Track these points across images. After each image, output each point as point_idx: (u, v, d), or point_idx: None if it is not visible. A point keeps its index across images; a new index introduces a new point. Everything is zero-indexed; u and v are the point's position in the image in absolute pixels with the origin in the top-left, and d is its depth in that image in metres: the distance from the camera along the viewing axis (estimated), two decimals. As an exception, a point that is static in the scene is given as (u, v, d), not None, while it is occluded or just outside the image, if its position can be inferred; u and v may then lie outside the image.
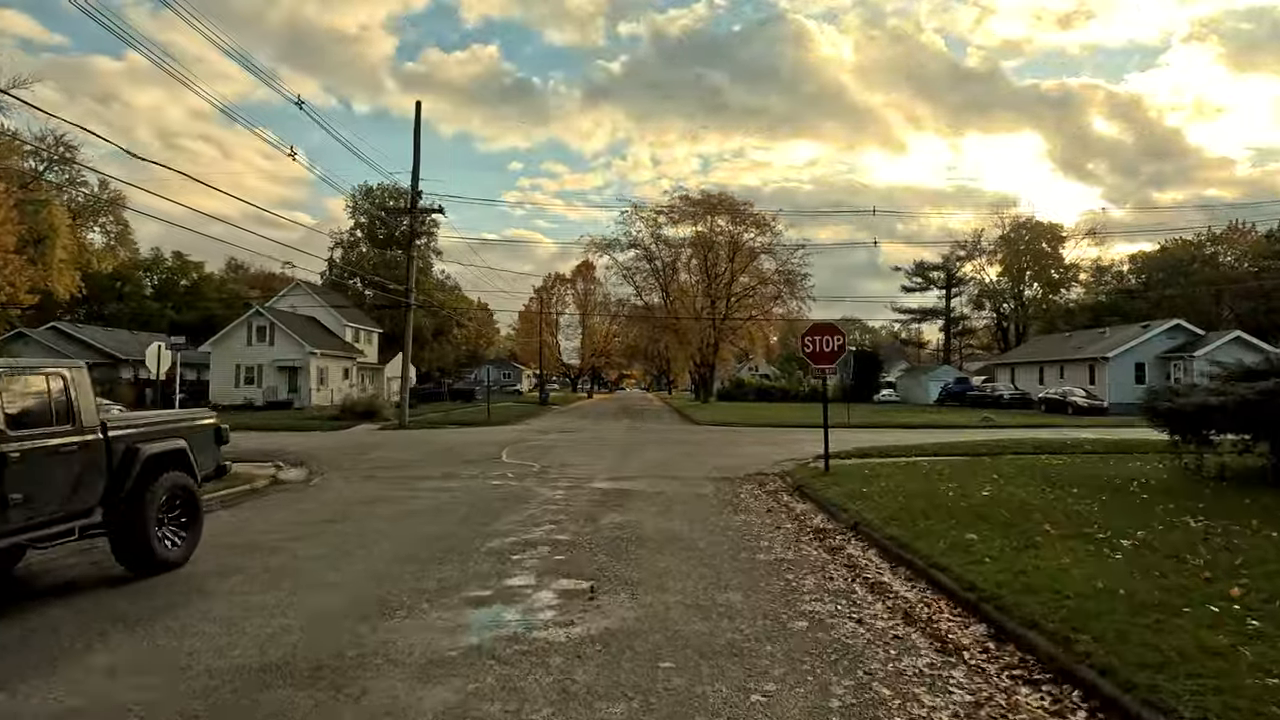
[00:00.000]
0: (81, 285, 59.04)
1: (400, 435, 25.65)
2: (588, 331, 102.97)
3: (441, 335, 70.33)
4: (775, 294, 55.00)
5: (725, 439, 22.02)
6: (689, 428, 29.77)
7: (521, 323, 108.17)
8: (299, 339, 42.52)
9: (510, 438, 22.37)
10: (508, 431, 26.51)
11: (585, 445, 19.35)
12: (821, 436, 13.99)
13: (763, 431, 26.05)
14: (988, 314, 78.17)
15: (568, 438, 22.33)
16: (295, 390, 42.56)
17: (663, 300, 55.83)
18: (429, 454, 17.50)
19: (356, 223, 67.97)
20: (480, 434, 25.34)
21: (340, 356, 47.08)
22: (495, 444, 20.08)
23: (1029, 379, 49.39)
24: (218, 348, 42.99)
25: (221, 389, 42.71)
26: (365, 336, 54.44)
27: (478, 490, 11.98)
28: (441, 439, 22.99)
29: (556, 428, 28.81)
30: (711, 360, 55.59)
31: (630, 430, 25.89)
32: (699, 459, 16.32)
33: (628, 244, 53.99)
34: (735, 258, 54.02)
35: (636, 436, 23.02)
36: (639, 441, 20.49)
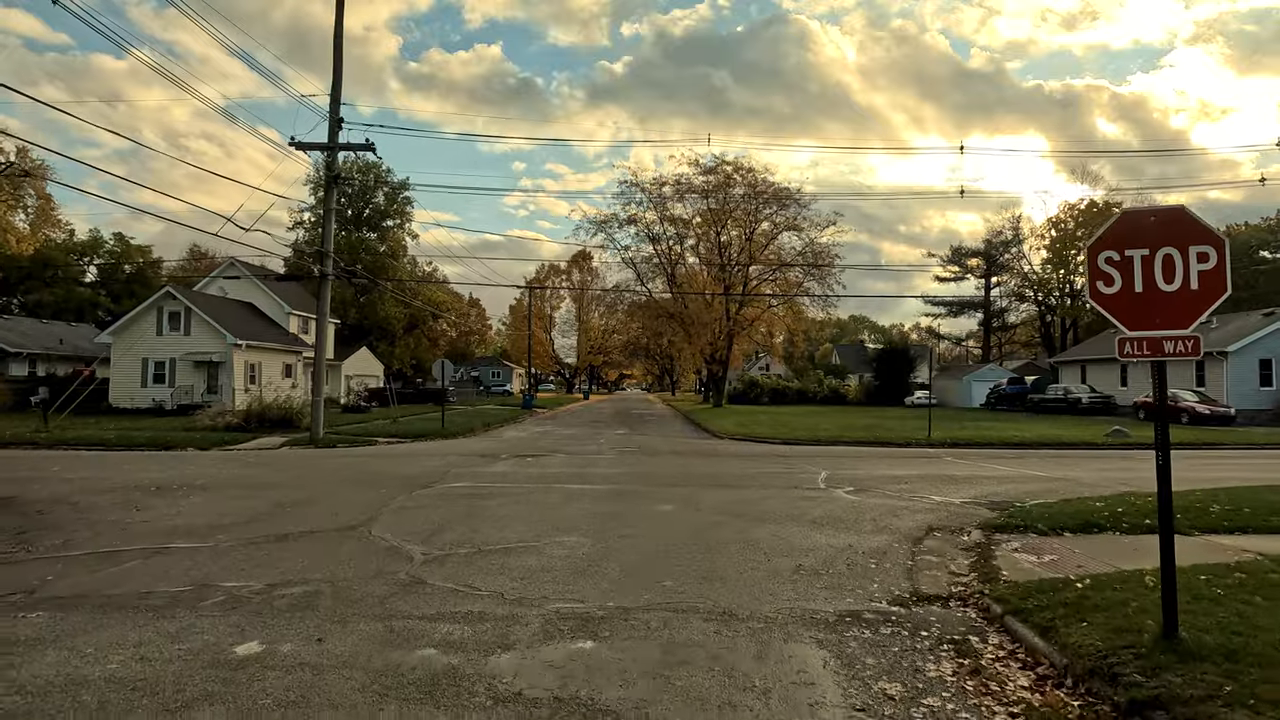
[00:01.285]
0: (-6, 267, 51.25)
1: (290, 457, 17.50)
2: (584, 327, 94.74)
3: (416, 329, 62.12)
4: (799, 280, 46.81)
5: (773, 470, 13.87)
6: (707, 445, 21.64)
7: (512, 318, 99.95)
8: (220, 327, 34.41)
9: (437, 468, 14.20)
10: (450, 453, 18.38)
11: (545, 491, 11.16)
12: (914, 459, 6.99)
13: (817, 454, 17.88)
14: (1028, 307, 70.04)
15: (527, 469, 14.12)
16: (215, 390, 34.44)
17: (668, 287, 47.66)
18: (242, 513, 9.34)
19: (318, 199, 59.84)
20: (407, 457, 17.22)
21: (280, 350, 38.97)
22: (399, 481, 11.95)
23: (1106, 378, 41.20)
24: (120, 338, 34.87)
25: (125, 388, 34.63)
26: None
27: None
28: (335, 465, 14.81)
29: (523, 446, 20.73)
30: (725, 357, 47.43)
31: (625, 455, 17.50)
32: (762, 538, 8.16)
33: (626, 219, 45.83)
34: (753, 236, 45.85)
35: (635, 465, 14.81)
36: (636, 483, 12.10)
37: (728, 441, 22.77)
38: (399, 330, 59.28)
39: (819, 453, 17.91)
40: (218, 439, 21.56)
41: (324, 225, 21.96)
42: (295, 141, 21.95)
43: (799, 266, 46.22)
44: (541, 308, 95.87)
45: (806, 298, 47.47)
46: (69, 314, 56.94)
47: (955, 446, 19.96)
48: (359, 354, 51.11)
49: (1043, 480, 12.51)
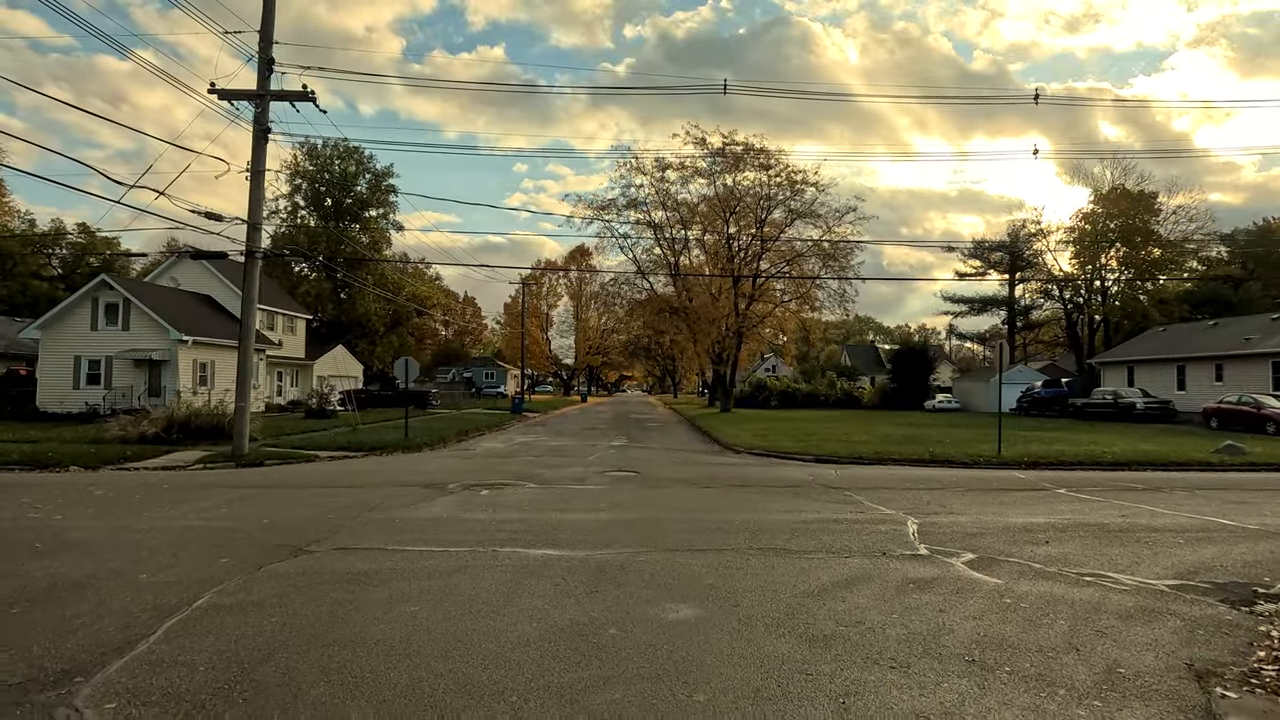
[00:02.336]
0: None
1: (182, 483, 13.32)
2: (582, 326, 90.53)
3: (400, 327, 57.94)
4: (815, 273, 42.64)
5: (833, 516, 9.60)
6: (725, 464, 17.49)
7: (507, 316, 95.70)
8: (163, 321, 30.26)
9: (347, 509, 10.00)
10: (390, 479, 14.22)
11: (482, 569, 6.52)
12: (1011, 492, 6.29)
13: (874, 483, 13.68)
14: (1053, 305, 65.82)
15: (475, 512, 9.69)
16: (158, 393, 30.27)
17: (671, 280, 43.49)
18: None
19: (296, 187, 55.83)
20: (326, 488, 13.05)
21: (237, 347, 34.74)
22: (273, 536, 7.81)
23: (1159, 381, 37.01)
24: (49, 333, 30.71)
25: (55, 390, 30.49)
26: (286, 324, 42.14)
27: None
28: (219, 501, 10.59)
29: (490, 467, 16.62)
30: (733, 357, 43.25)
31: (619, 484, 12.63)
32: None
33: (626, 204, 41.61)
34: (765, 224, 41.67)
35: (631, 507, 10.41)
36: (633, 546, 7.58)
37: (748, 458, 18.59)
38: (380, 328, 55.14)
39: (875, 479, 13.72)
40: (118, 454, 17.45)
41: (251, 191, 17.79)
42: (216, 89, 17.81)
43: (814, 258, 42.05)
44: (538, 306, 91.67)
45: (821, 293, 43.28)
46: (25, 309, 52.81)
47: (1039, 467, 15.77)
48: (334, 353, 46.96)
49: (1250, 536, 8.35)
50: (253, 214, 17.76)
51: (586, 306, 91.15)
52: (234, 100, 18.05)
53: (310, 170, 56.08)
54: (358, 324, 53.40)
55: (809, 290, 42.76)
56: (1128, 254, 56.20)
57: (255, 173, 17.81)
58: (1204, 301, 57.39)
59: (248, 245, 17.79)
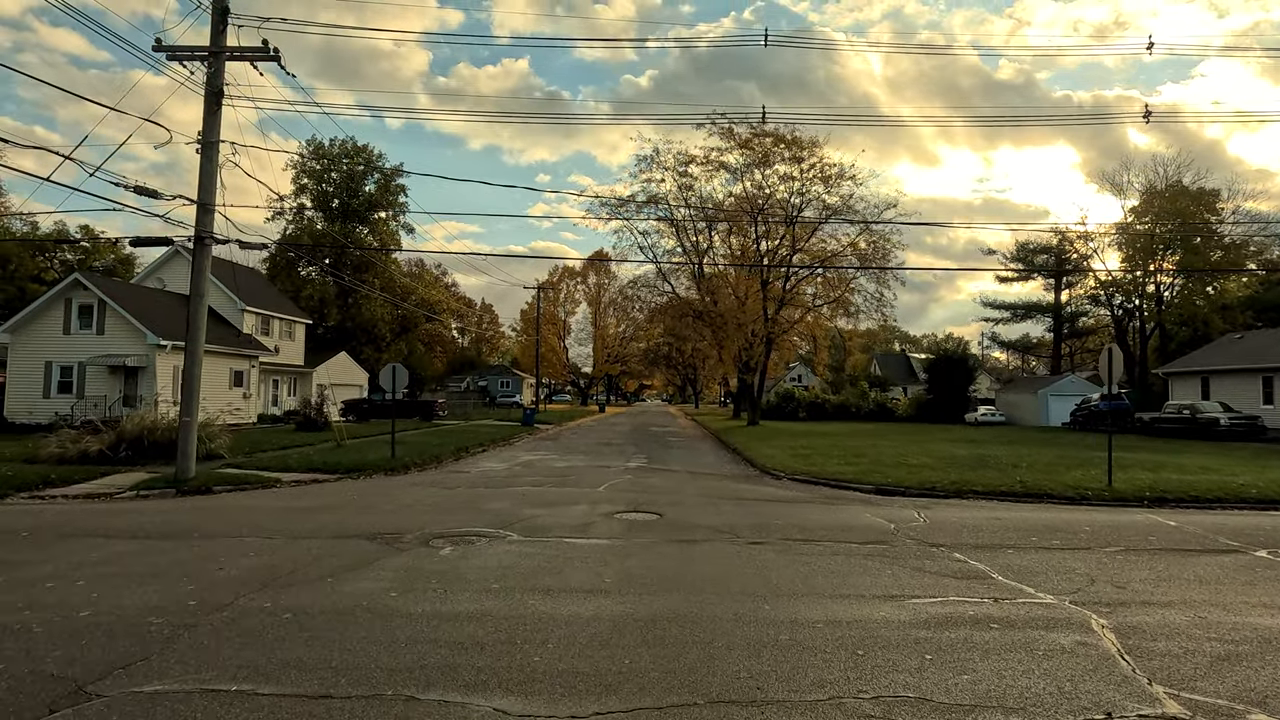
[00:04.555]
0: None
1: (79, 520, 10.37)
2: (600, 333, 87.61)
3: (409, 333, 55.27)
4: (851, 274, 39.30)
5: (965, 607, 6.44)
6: (768, 498, 14.27)
7: (523, 323, 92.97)
8: (140, 324, 27.68)
9: (247, 573, 6.97)
10: (352, 508, 11.21)
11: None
12: (1192, 555, 6.28)
13: (978, 533, 10.39)
14: (1098, 311, 61.76)
15: (423, 590, 6.69)
16: (133, 402, 27.64)
17: (694, 283, 40.35)
18: None
19: (301, 187, 53.53)
20: (250, 538, 10.01)
21: (225, 353, 32.20)
22: (68, 656, 4.82)
23: (1240, 393, 33.14)
24: (19, 336, 28.26)
25: (23, 399, 28.01)
26: (284, 329, 39.57)
27: None
28: (85, 562, 7.61)
29: (472, 504, 13.56)
30: (762, 365, 39.95)
31: (635, 531, 9.55)
32: None
33: (645, 200, 38.54)
34: (797, 222, 38.42)
35: (650, 577, 7.16)
36: (652, 672, 4.42)
37: (793, 488, 15.34)
38: (388, 334, 52.50)
39: (975, 525, 10.43)
40: (41, 476, 14.60)
41: (201, 165, 14.94)
42: (162, 46, 15.04)
43: (850, 258, 38.70)
44: (555, 313, 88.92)
45: (857, 297, 39.88)
46: (23, 314, 50.85)
47: (1171, 505, 12.38)
48: (337, 359, 44.32)
49: None
50: (203, 192, 14.91)
51: (605, 313, 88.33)
52: (185, 60, 15.27)
53: (316, 169, 53.82)
54: (363, 330, 50.82)
55: (843, 295, 39.39)
56: (1185, 256, 52.16)
57: (207, 144, 14.97)
58: (1269, 307, 53.14)
59: (196, 229, 14.94)
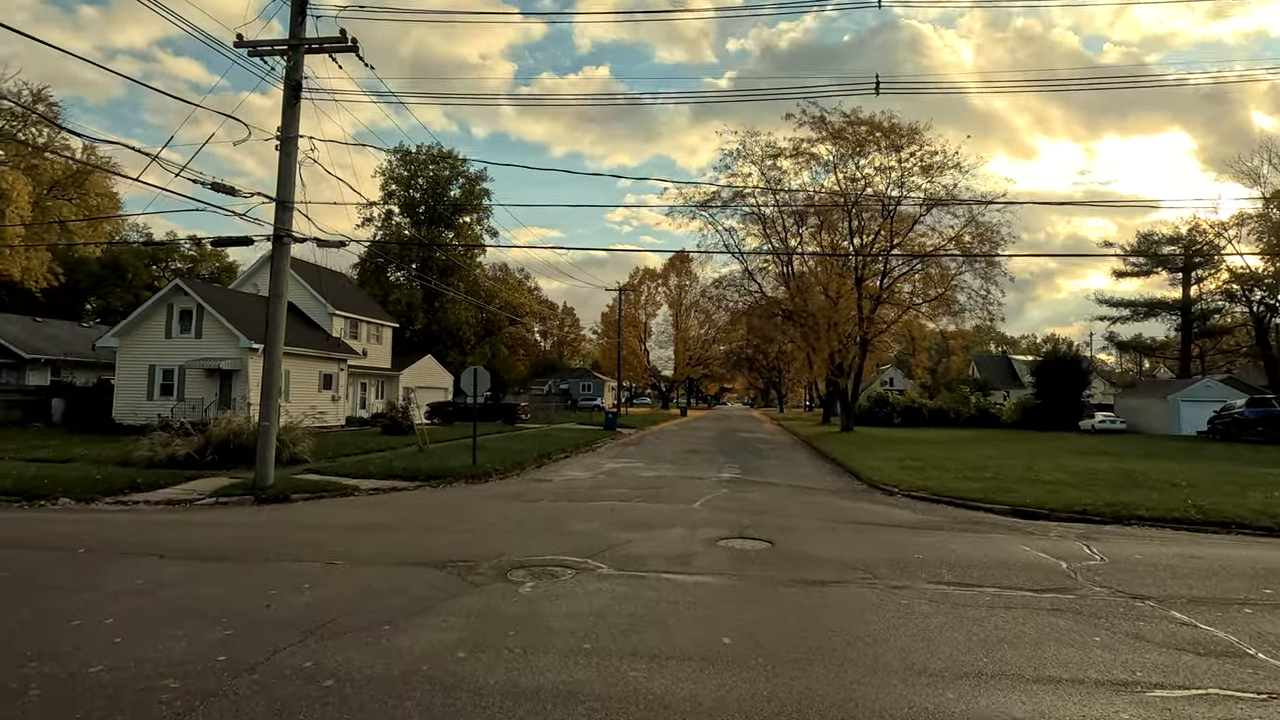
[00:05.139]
0: (59, 271, 48.29)
1: (151, 531, 9.82)
2: (681, 335, 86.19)
3: (492, 336, 55.47)
4: (954, 270, 36.53)
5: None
6: (885, 519, 12.55)
7: (604, 326, 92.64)
8: (234, 328, 28.21)
9: (294, 615, 5.98)
10: (424, 526, 10.25)
11: None
12: None
13: (1184, 583, 8.40)
14: (1234, 308, 55.81)
15: (482, 650, 5.56)
16: (229, 404, 28.18)
17: (781, 282, 38.45)
18: None
19: (389, 194, 54.59)
20: (311, 562, 9.10)
21: (315, 356, 32.62)
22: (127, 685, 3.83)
23: None
24: (125, 341, 29.32)
25: (130, 401, 29.03)
26: (371, 333, 40.08)
27: None
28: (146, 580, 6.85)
29: (558, 515, 12.41)
30: (857, 368, 37.65)
31: (746, 567, 7.92)
32: None
33: (731, 197, 36.94)
34: (894, 216, 36.00)
35: (783, 657, 5.36)
36: None
37: (916, 508, 13.53)
38: (472, 337, 52.79)
39: (1170, 566, 8.44)
40: (128, 481, 14.45)
41: (281, 162, 14.49)
42: (244, 42, 14.69)
43: (954, 253, 35.93)
44: (636, 315, 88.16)
45: (961, 295, 37.00)
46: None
47: None
48: (423, 363, 44.69)
49: None
50: (281, 190, 14.45)
51: (686, 315, 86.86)
52: (265, 56, 14.87)
53: (404, 175, 54.77)
54: (448, 333, 51.25)
55: (946, 292, 36.62)
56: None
57: (286, 140, 14.50)
58: None
59: (275, 227, 14.48)
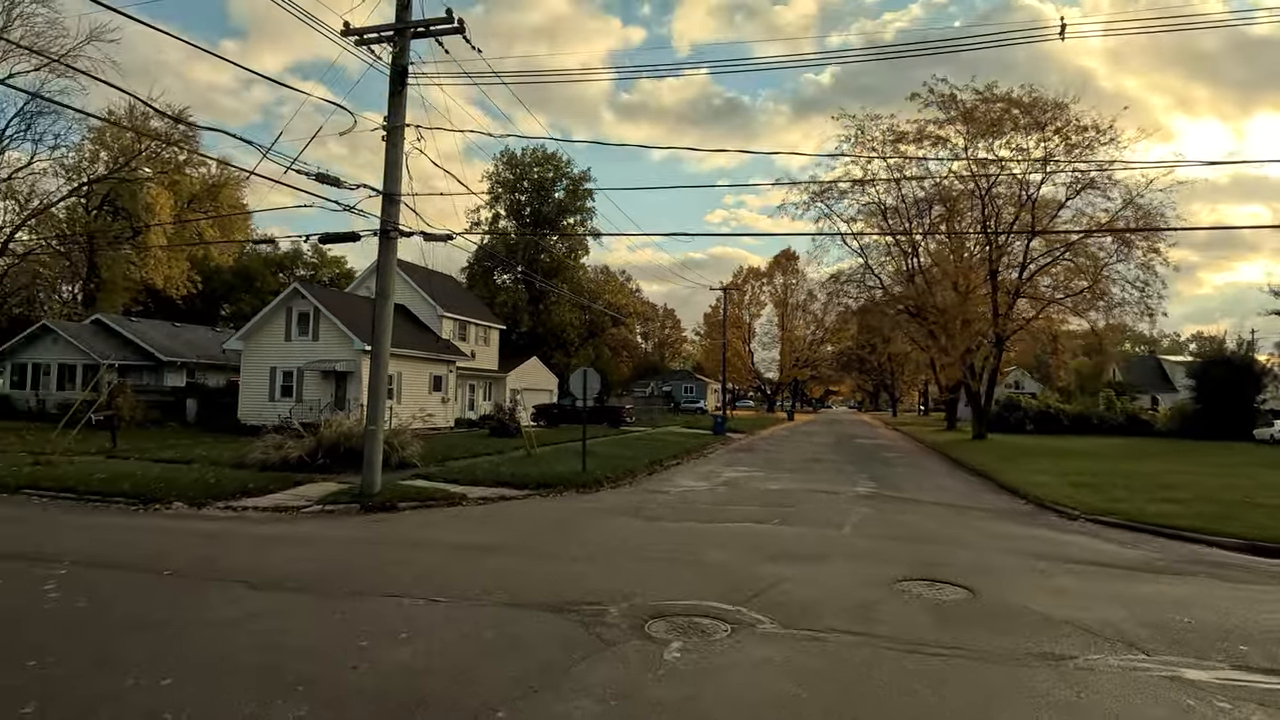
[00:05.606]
0: (196, 279, 51.48)
1: (242, 544, 9.08)
2: (787, 336, 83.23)
3: (596, 338, 54.95)
4: (1106, 258, 32.58)
5: None
6: (1094, 555, 10.19)
7: (706, 327, 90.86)
8: (348, 331, 28.54)
9: (382, 685, 4.73)
10: (538, 549, 8.99)
11: None
12: None
13: None
14: None
15: None
16: (343, 405, 28.54)
17: (906, 276, 35.57)
18: None
19: (495, 197, 55.08)
20: (412, 598, 7.95)
21: (425, 358, 32.73)
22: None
23: None
24: (250, 343, 30.29)
25: (253, 402, 29.93)
26: (479, 334, 40.17)
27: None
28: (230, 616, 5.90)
29: (687, 539, 10.90)
30: (991, 369, 34.30)
31: (950, 629, 5.78)
32: None
33: (849, 186, 34.46)
34: (1035, 201, 32.49)
35: None
36: None
37: (1107, 536, 11.16)
38: (576, 339, 52.43)
39: None
40: (239, 485, 14.13)
41: (387, 153, 13.80)
42: (349, 29, 14.10)
43: (1105, 242, 32.02)
44: (739, 316, 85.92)
45: (1115, 288, 32.94)
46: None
47: None
48: (528, 365, 44.56)
49: None
50: (388, 182, 13.74)
51: (793, 315, 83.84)
52: (371, 44, 14.23)
53: (509, 179, 55.16)
54: (553, 335, 51.08)
55: (1097, 284, 32.68)
56: None
57: (392, 129, 13.79)
58: None
59: (382, 222, 13.78)
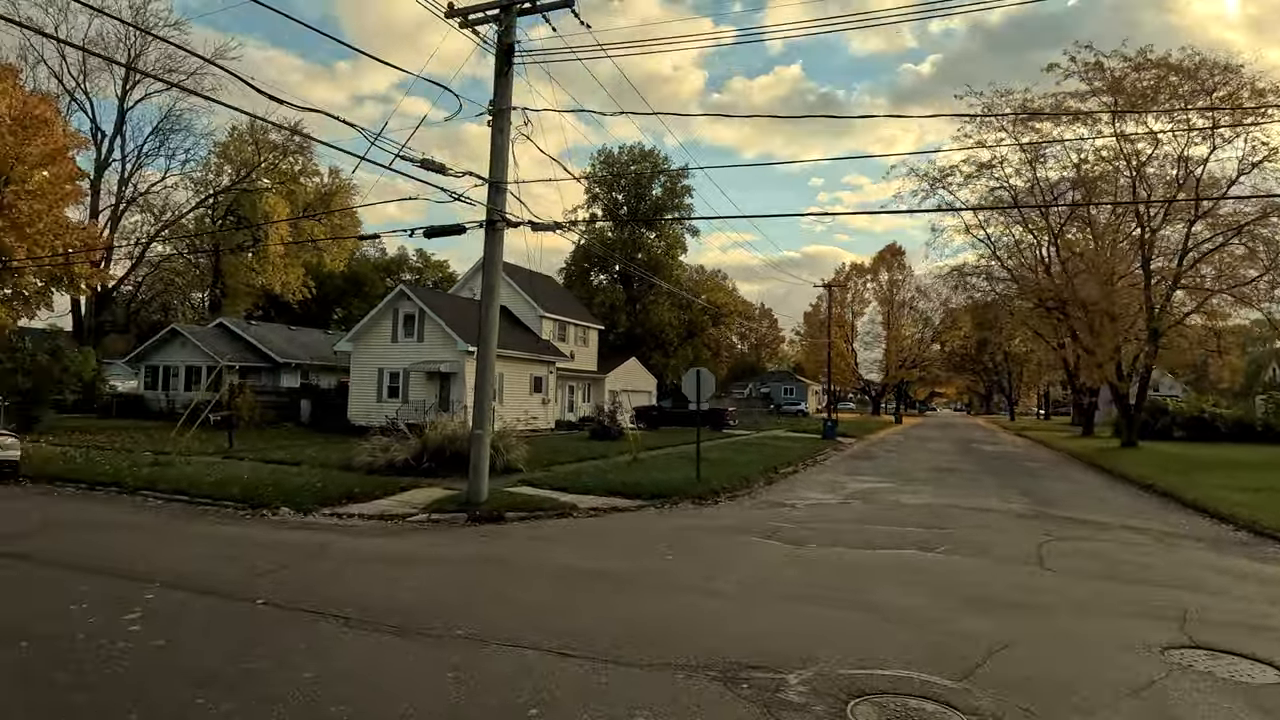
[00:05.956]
0: (311, 285, 53.58)
1: (341, 561, 8.20)
2: (893, 335, 79.05)
3: (695, 338, 53.51)
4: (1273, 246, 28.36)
5: None
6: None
7: (807, 326, 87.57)
8: (452, 332, 28.32)
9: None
10: (669, 579, 7.60)
11: None
12: None
13: None
14: None
15: None
16: (448, 406, 28.34)
17: (1042, 266, 32.27)
18: None
19: (593, 196, 54.61)
20: (528, 648, 6.68)
21: (526, 359, 32.27)
22: None
23: None
24: (359, 345, 30.64)
25: (361, 403, 30.26)
26: (578, 335, 39.55)
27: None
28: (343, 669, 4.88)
29: (840, 575, 9.23)
30: (1145, 368, 30.59)
31: None
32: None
33: (974, 171, 31.52)
34: (1201, 180, 28.66)
35: None
36: None
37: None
38: (675, 339, 51.16)
39: None
40: (345, 490, 13.57)
41: (493, 139, 12.88)
42: (454, 9, 13.29)
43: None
44: (842, 315, 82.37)
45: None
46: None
47: None
48: (627, 365, 43.66)
49: None
50: (494, 169, 12.81)
51: (899, 313, 79.63)
52: (475, 25, 13.37)
53: (606, 178, 54.57)
54: (651, 335, 50.01)
55: (1276, 269, 28.46)
56: None
57: (498, 112, 12.86)
58: None
59: (488, 212, 12.87)
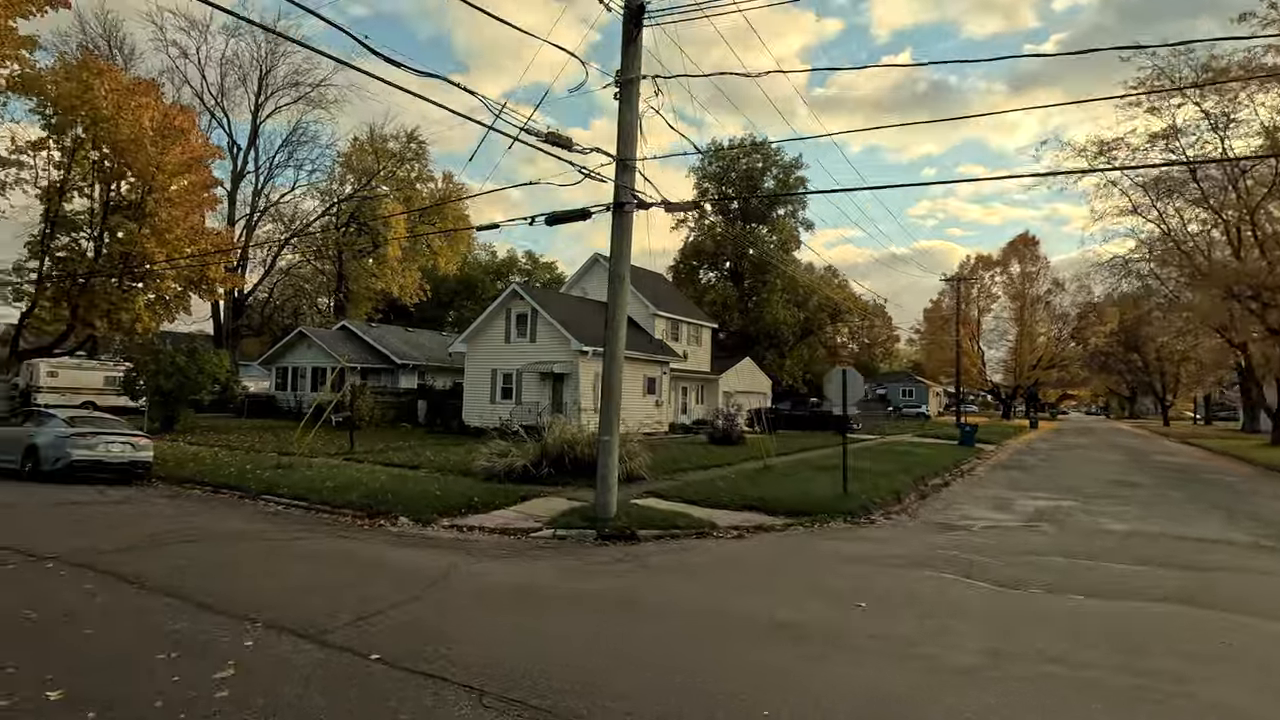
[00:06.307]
0: (427, 287, 54.88)
1: (463, 601, 7.06)
2: (1025, 332, 72.90)
3: (810, 337, 50.90)
4: None
5: None
6: None
7: (928, 325, 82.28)
8: (565, 332, 27.54)
9: None
10: (851, 645, 5.92)
11: None
12: None
13: None
14: None
15: None
16: (561, 407, 27.61)
17: (1231, 248, 28.00)
18: None
19: (703, 192, 53.08)
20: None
21: (640, 359, 31.13)
22: None
23: None
24: (472, 346, 30.45)
25: (476, 404, 30.06)
26: (691, 334, 38.09)
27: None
28: None
29: (1096, 674, 7.12)
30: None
31: None
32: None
33: (1146, 141, 27.64)
34: None
35: None
36: None
37: None
38: (790, 337, 48.78)
39: None
40: (465, 500, 12.66)
41: (620, 113, 11.63)
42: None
43: None
44: (967, 312, 76.93)
45: None
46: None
47: None
48: (741, 366, 41.82)
49: None
50: (622, 145, 11.54)
51: (1033, 308, 73.40)
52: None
53: (715, 172, 52.91)
54: (765, 334, 47.90)
55: None
56: None
57: (625, 83, 11.57)
58: None
59: (616, 193, 11.60)
